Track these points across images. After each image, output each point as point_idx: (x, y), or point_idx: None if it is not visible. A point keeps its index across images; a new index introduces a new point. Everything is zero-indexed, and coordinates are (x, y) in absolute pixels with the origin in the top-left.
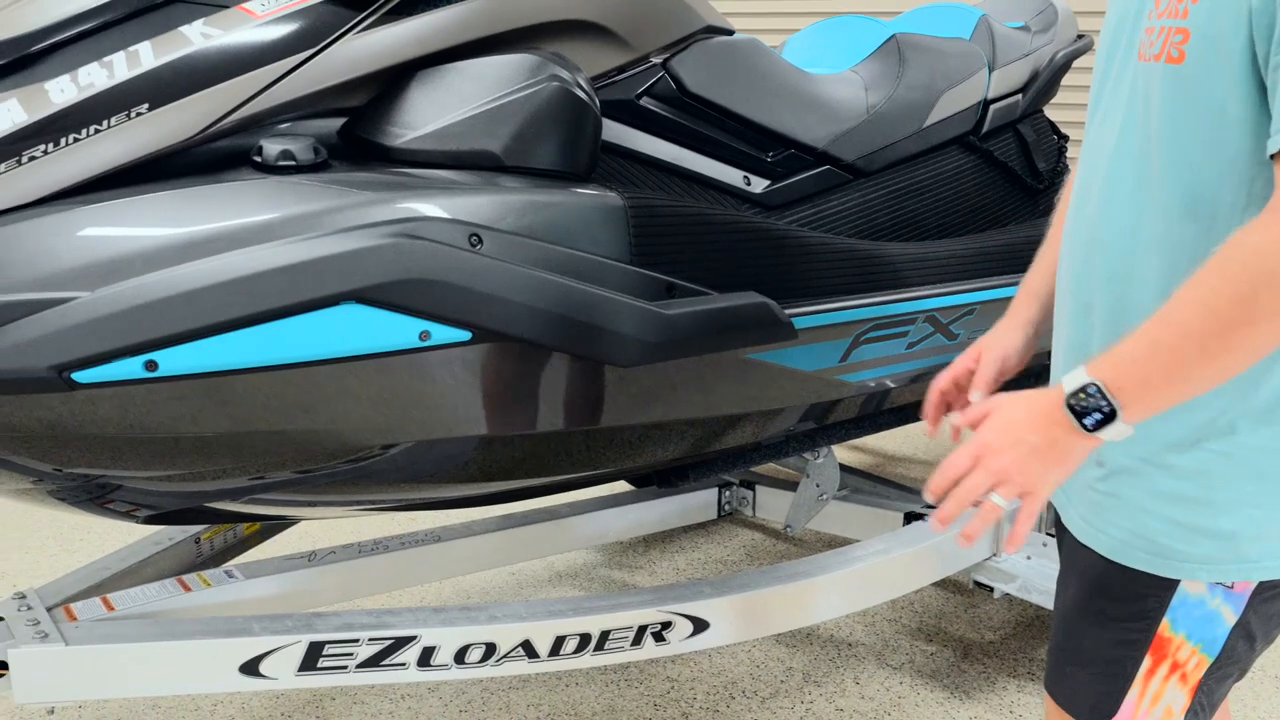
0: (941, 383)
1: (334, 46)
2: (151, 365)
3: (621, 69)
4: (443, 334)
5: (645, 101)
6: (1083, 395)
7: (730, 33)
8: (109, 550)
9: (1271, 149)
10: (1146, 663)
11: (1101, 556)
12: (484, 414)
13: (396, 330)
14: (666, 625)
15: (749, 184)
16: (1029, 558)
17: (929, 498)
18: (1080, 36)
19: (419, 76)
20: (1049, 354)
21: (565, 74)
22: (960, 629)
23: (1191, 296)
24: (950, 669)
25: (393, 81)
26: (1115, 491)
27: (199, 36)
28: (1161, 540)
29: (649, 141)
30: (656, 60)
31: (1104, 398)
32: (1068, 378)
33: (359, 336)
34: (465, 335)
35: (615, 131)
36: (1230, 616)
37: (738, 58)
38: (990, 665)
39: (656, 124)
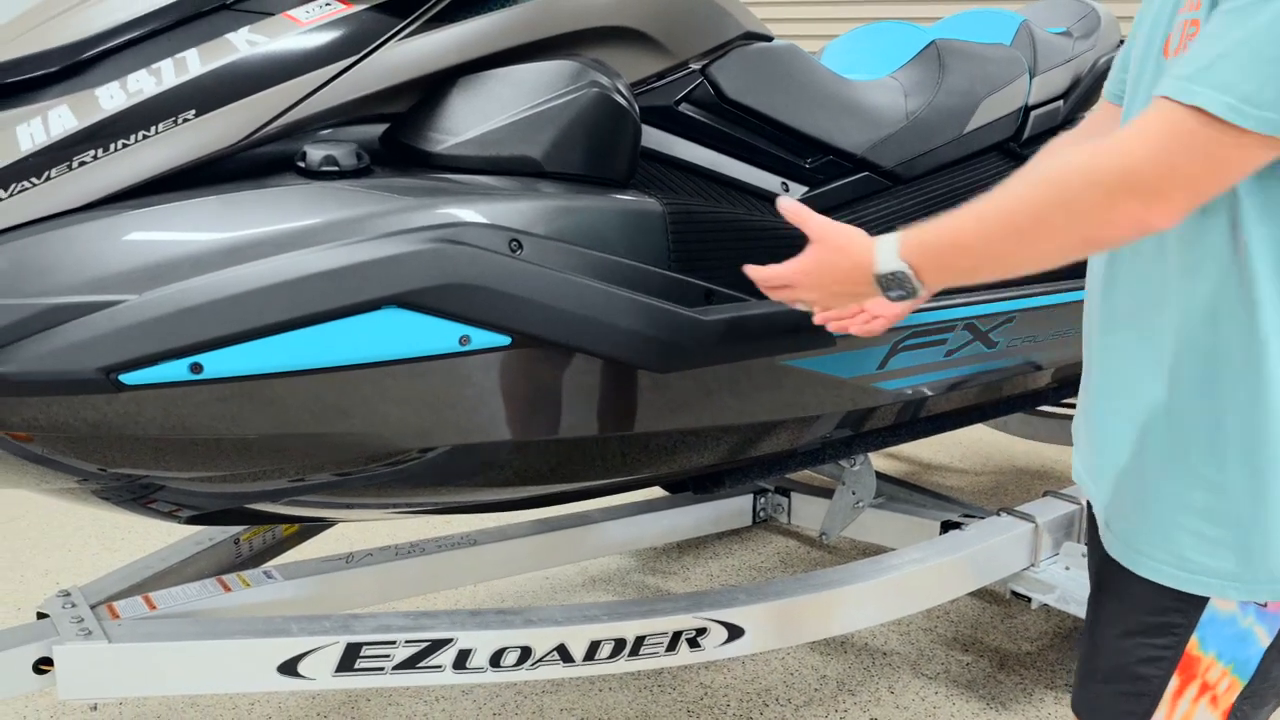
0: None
1: (377, 53)
2: (197, 368)
3: (660, 75)
4: (482, 339)
5: (684, 108)
6: (892, 276)
7: (769, 39)
8: (149, 549)
9: (1158, 91)
10: (1175, 682)
11: (1129, 571)
12: (522, 418)
13: (437, 335)
14: (701, 631)
15: (787, 190)
16: (1068, 568)
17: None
18: (1122, 42)
19: (460, 83)
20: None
21: (605, 80)
22: (997, 639)
23: (1002, 197)
24: (986, 679)
25: (434, 88)
26: (1144, 503)
27: (244, 44)
28: (1189, 555)
29: (687, 147)
30: (695, 66)
31: (909, 280)
32: (881, 255)
33: (400, 340)
34: (505, 340)
35: (654, 137)
36: (1264, 637)
37: (776, 64)
38: (1027, 676)
39: (695, 130)
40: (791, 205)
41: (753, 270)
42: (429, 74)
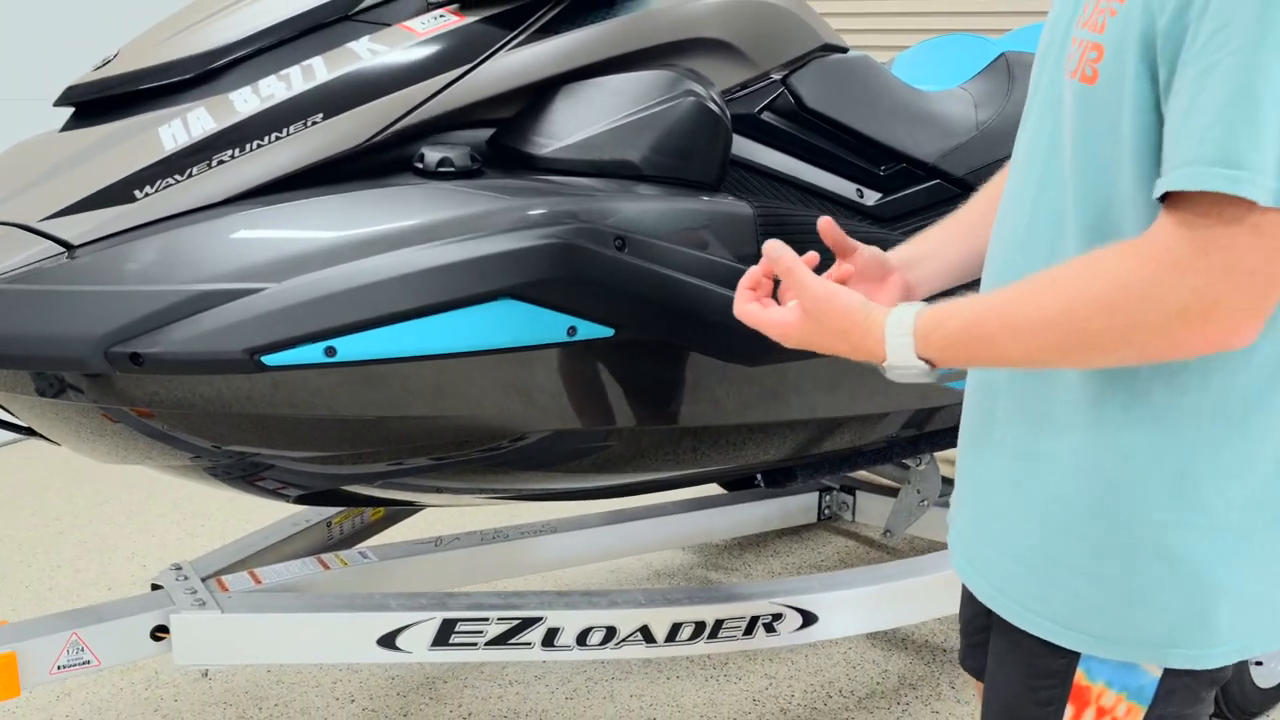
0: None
1: (487, 63)
2: (331, 351)
3: (744, 85)
4: (588, 330)
5: (766, 116)
6: (905, 372)
7: (845, 50)
8: (228, 536)
9: (1156, 191)
10: (1069, 711)
11: (1009, 622)
12: (621, 407)
13: (547, 325)
14: (777, 617)
15: (861, 196)
16: None
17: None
18: None
19: (564, 90)
20: None
21: (700, 89)
22: None
23: (1021, 297)
24: None
25: (539, 95)
26: (1021, 559)
27: (366, 52)
28: (1062, 611)
29: (769, 154)
30: (777, 77)
31: (927, 370)
32: (890, 327)
33: (513, 330)
34: (609, 332)
35: (738, 144)
36: (1154, 669)
37: (853, 74)
38: None
39: (776, 137)
40: (780, 254)
41: (741, 309)
42: (535, 82)
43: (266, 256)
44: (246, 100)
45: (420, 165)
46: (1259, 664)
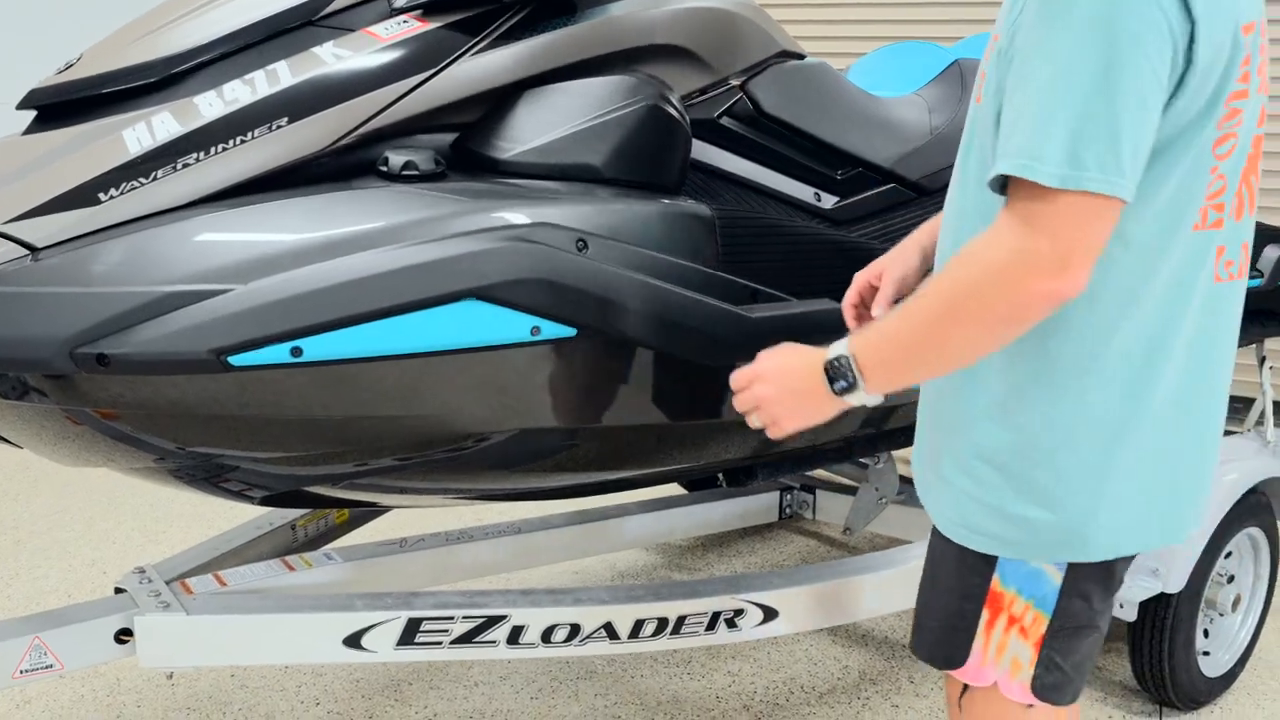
0: (851, 298)
1: (450, 68)
2: (297, 351)
3: (704, 90)
4: (551, 330)
5: (725, 121)
6: (837, 363)
7: (802, 57)
8: (190, 541)
9: (987, 179)
10: (985, 615)
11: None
12: (585, 406)
13: (511, 325)
14: (739, 612)
15: (819, 200)
16: None
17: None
18: None
19: (526, 95)
20: None
21: (660, 94)
22: None
23: (924, 294)
24: None
25: (502, 99)
26: (941, 474)
27: (330, 57)
28: (974, 520)
29: (728, 158)
30: (736, 82)
31: (851, 370)
32: (834, 344)
33: (477, 330)
34: (571, 332)
35: (697, 148)
36: (1056, 576)
37: (810, 80)
38: None
39: (735, 142)
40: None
41: (732, 379)
42: (497, 87)
43: (233, 258)
44: (211, 104)
45: (384, 169)
46: (1206, 654)
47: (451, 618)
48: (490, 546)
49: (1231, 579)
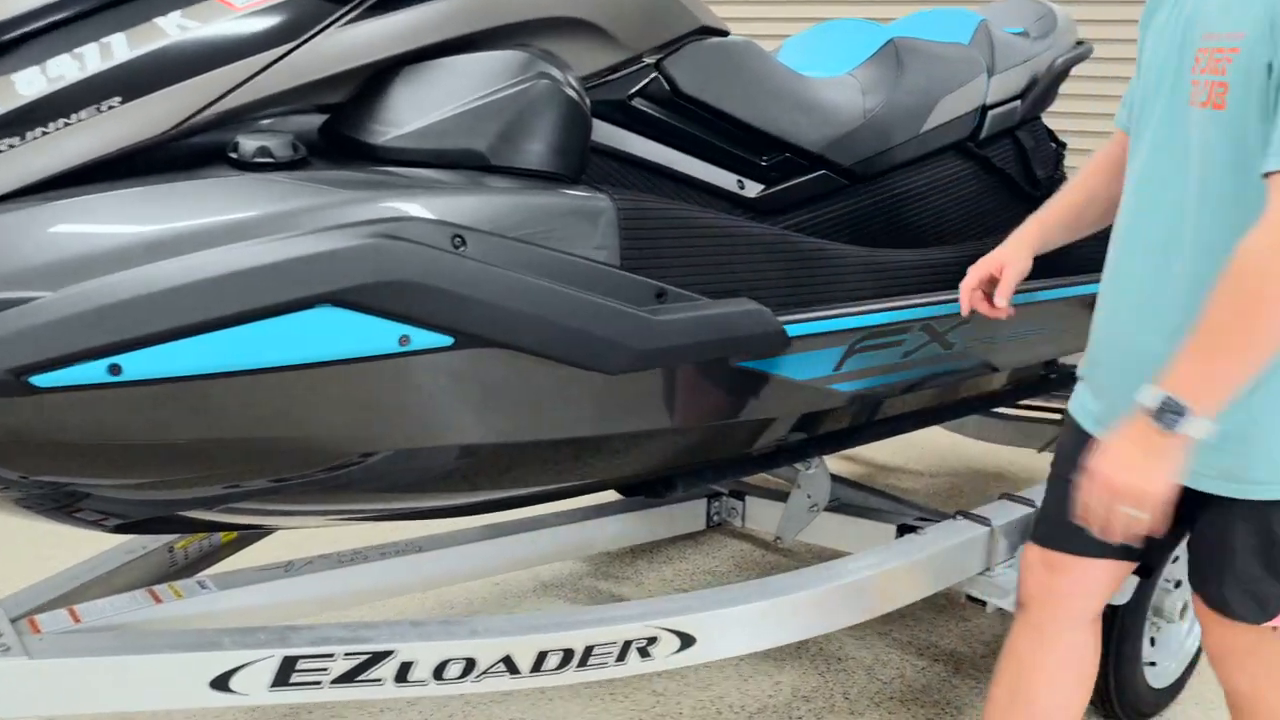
0: (971, 283)
1: (315, 40)
2: (115, 369)
3: (613, 69)
4: (423, 339)
5: (637, 102)
6: (1160, 408)
7: (725, 34)
8: (84, 559)
9: (1265, 168)
10: None
11: (1246, 502)
12: (466, 422)
13: (375, 335)
14: (652, 640)
15: (742, 188)
16: None
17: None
18: (1080, 43)
19: (404, 73)
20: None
21: (555, 72)
22: (951, 643)
23: (1214, 301)
24: (941, 684)
25: (376, 77)
26: (1245, 452)
27: (175, 28)
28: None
29: (640, 143)
30: (649, 60)
31: (1176, 404)
32: (1142, 396)
33: (335, 341)
34: (447, 340)
35: (606, 132)
36: None
37: (733, 59)
38: (981, 679)
39: (649, 125)
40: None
41: (1083, 516)
42: (370, 63)
43: (40, 261)
44: (31, 82)
45: (235, 155)
46: (1153, 664)
47: (331, 655)
48: (388, 568)
49: (1179, 584)
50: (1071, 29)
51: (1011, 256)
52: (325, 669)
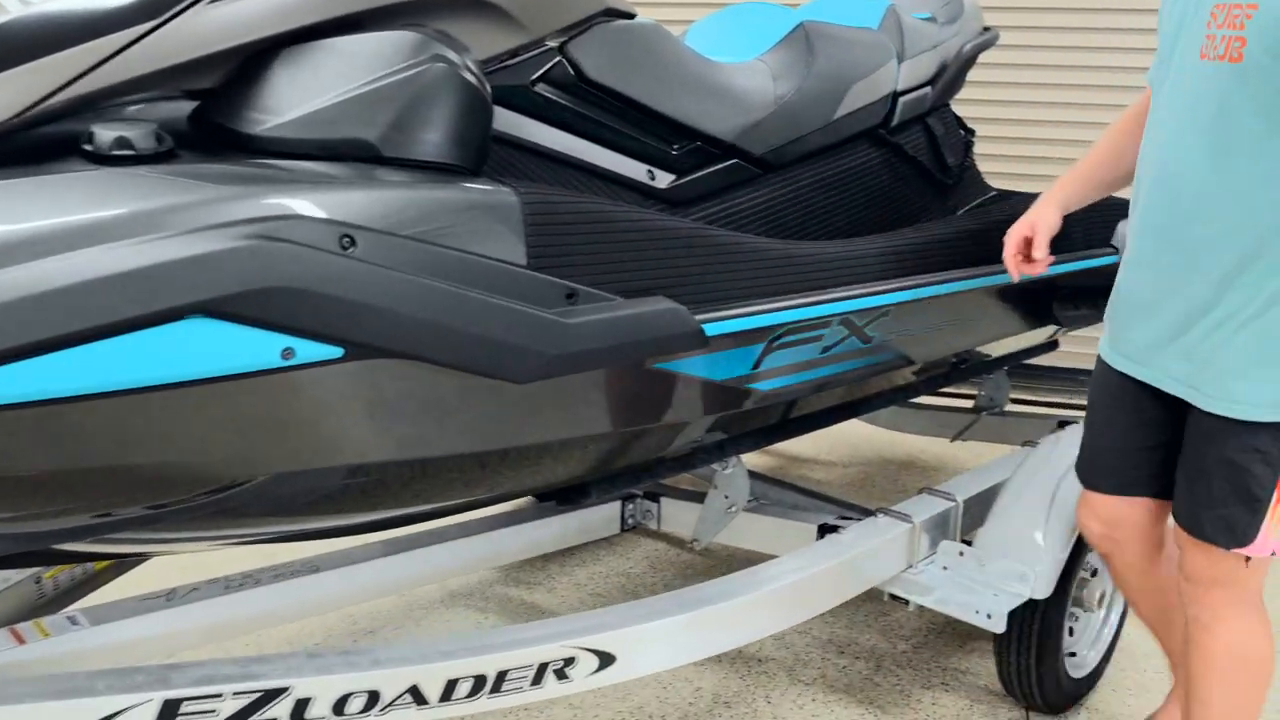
0: (1010, 250)
1: (181, 18)
2: None
3: (514, 53)
4: (309, 351)
5: (541, 88)
6: None
7: (632, 16)
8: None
9: None
10: (1276, 495)
11: (1228, 419)
12: (362, 439)
13: (254, 347)
14: (569, 661)
15: (653, 178)
16: (945, 568)
17: None
18: (986, 29)
19: (284, 55)
20: None
21: (451, 55)
22: (872, 639)
23: None
24: (864, 682)
25: (253, 60)
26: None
27: (15, 3)
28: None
29: (545, 132)
30: (553, 44)
31: None
32: None
33: (209, 356)
34: (336, 352)
35: (508, 120)
36: None
37: (641, 43)
38: (904, 677)
39: (553, 113)
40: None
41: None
42: (245, 44)
43: None
44: None
45: (90, 147)
46: (1073, 654)
47: (219, 695)
48: (283, 591)
49: (1095, 572)
50: (978, 15)
51: (1041, 215)
52: (213, 711)
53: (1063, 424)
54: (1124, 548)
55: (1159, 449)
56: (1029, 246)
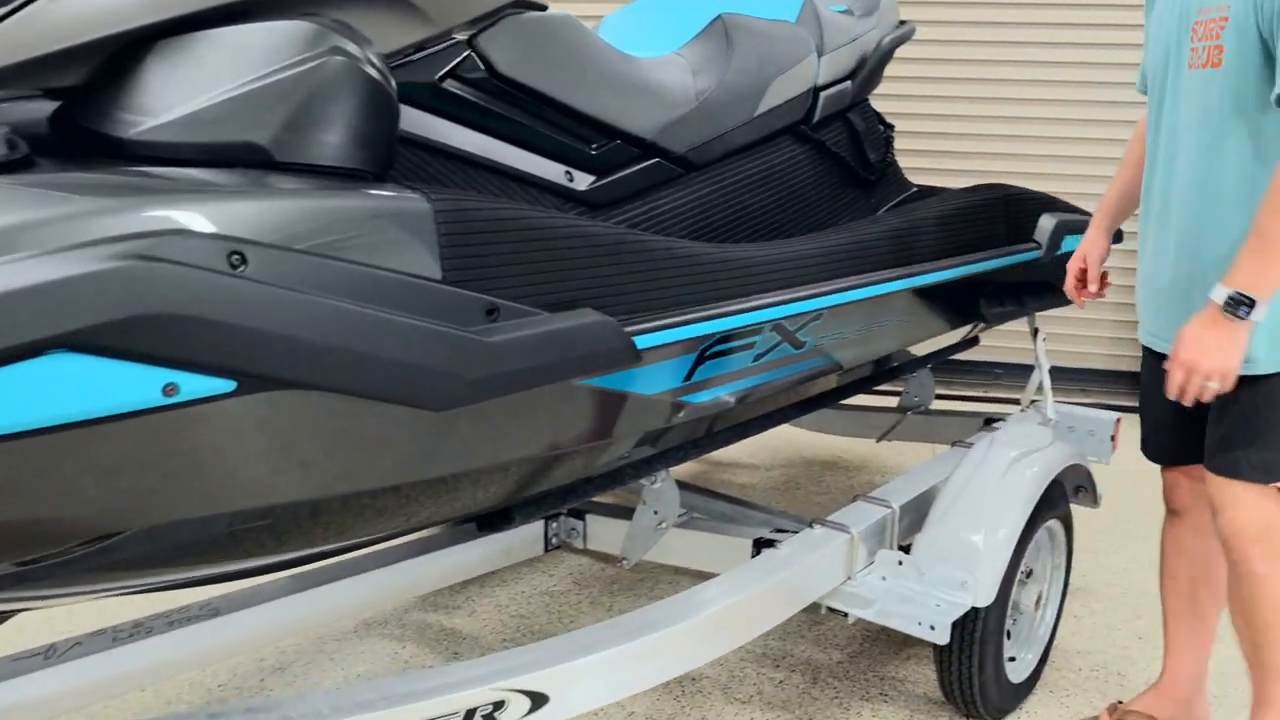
0: (1071, 283)
1: (38, 3)
2: None
3: (420, 46)
4: (196, 386)
5: (449, 84)
6: (1231, 301)
7: (543, 8)
8: None
9: (1273, 95)
10: None
11: (1244, 376)
12: (260, 480)
13: (130, 385)
14: (499, 705)
15: (572, 180)
16: (884, 579)
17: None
18: (903, 23)
19: (159, 48)
20: None
21: (351, 47)
22: (806, 650)
23: (1264, 210)
24: (801, 697)
25: (124, 54)
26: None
27: None
28: None
29: (455, 131)
30: (461, 37)
31: (1244, 296)
32: (1214, 293)
33: (77, 396)
34: (228, 385)
35: (414, 119)
36: None
37: (553, 36)
38: (842, 689)
39: (463, 111)
40: (1173, 373)
41: (1173, 392)
42: (112, 35)
43: None
44: None
45: None
46: (1012, 659)
47: None
48: (178, 640)
49: (1030, 573)
50: (894, 7)
51: (1089, 245)
52: None
53: (989, 421)
54: (1192, 511)
55: (1202, 420)
56: (1085, 276)
